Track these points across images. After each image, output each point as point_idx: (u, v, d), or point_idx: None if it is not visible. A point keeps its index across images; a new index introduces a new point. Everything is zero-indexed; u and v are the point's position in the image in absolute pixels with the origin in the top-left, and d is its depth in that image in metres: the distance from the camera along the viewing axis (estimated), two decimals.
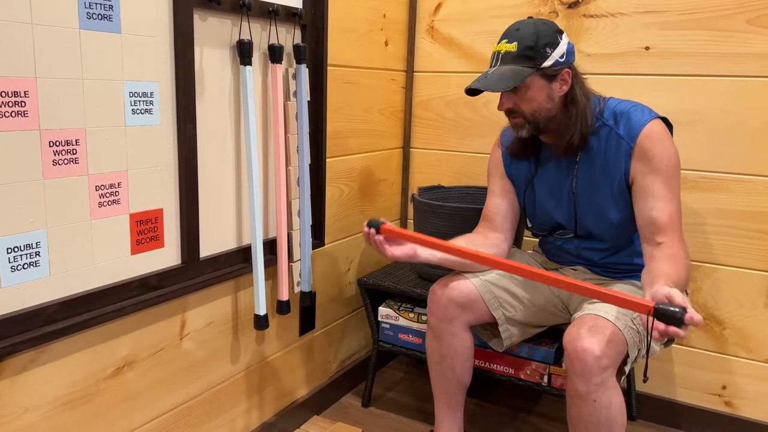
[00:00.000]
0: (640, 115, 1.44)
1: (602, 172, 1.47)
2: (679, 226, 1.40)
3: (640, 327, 1.38)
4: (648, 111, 1.45)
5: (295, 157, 1.64)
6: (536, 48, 1.39)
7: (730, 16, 1.71)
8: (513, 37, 1.41)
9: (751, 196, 1.75)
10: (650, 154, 1.40)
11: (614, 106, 1.48)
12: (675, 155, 1.42)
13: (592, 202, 1.51)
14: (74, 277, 1.21)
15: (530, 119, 1.45)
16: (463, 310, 1.59)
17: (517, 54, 1.39)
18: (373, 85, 2.03)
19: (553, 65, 1.40)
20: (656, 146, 1.41)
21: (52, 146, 1.13)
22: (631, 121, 1.44)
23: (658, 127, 1.43)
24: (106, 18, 1.19)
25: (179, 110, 1.35)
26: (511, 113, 1.46)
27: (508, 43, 1.42)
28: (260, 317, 1.59)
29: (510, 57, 1.40)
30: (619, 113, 1.46)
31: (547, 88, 1.42)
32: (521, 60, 1.39)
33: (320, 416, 1.96)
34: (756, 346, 1.82)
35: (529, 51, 1.39)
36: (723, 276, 1.83)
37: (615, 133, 1.45)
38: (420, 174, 2.28)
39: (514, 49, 1.40)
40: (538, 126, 1.46)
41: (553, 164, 1.56)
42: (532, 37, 1.39)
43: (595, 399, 1.29)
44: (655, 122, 1.43)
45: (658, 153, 1.40)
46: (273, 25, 1.56)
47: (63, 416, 1.21)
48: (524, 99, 1.42)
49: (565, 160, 1.52)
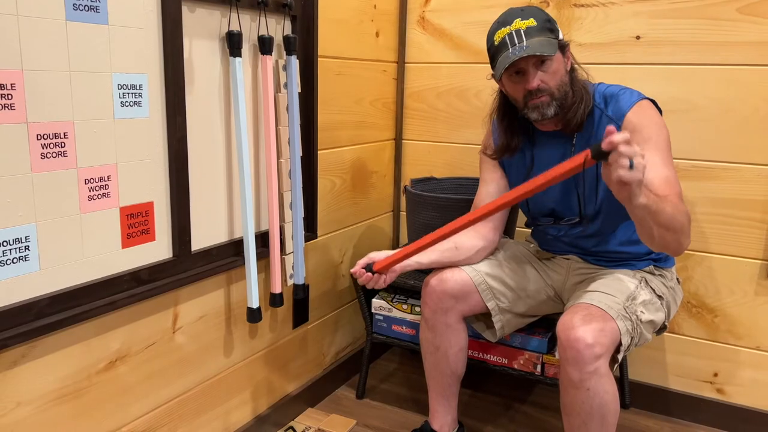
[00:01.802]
0: (628, 96, 1.44)
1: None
2: (678, 189, 1.35)
3: (633, 316, 1.39)
4: (637, 93, 1.46)
5: (286, 149, 1.64)
6: (551, 21, 1.41)
7: (721, 5, 1.71)
8: (525, 15, 1.39)
9: (741, 183, 1.76)
10: (639, 126, 1.40)
11: (604, 89, 1.48)
12: (664, 127, 1.41)
13: (592, 190, 1.51)
14: (65, 271, 1.20)
15: (557, 95, 1.41)
16: (457, 301, 1.59)
17: (540, 27, 1.38)
18: (364, 76, 2.03)
19: (563, 39, 1.43)
20: (644, 119, 1.41)
21: (40, 139, 1.12)
22: (619, 102, 1.44)
23: (646, 104, 1.44)
24: (93, 9, 1.17)
25: (168, 102, 1.34)
26: (538, 92, 1.40)
27: (522, 20, 1.38)
28: (253, 310, 1.59)
29: (535, 30, 1.37)
30: (608, 96, 1.46)
31: (563, 63, 1.43)
32: (545, 32, 1.38)
33: (314, 408, 1.96)
34: (747, 334, 1.83)
35: (548, 24, 1.40)
36: (714, 264, 1.84)
37: (605, 115, 1.45)
38: (412, 165, 2.28)
39: (534, 23, 1.38)
40: (562, 103, 1.42)
41: (549, 150, 1.54)
42: (542, 13, 1.41)
43: (588, 387, 1.30)
44: (643, 102, 1.44)
45: (646, 124, 1.40)
46: (263, 16, 1.55)
47: (55, 410, 1.21)
48: (550, 72, 1.40)
49: (561, 146, 1.52)
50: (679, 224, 1.26)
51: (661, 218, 1.22)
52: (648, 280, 1.52)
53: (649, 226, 1.24)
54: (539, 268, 1.67)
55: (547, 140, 1.54)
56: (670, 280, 1.59)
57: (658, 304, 1.49)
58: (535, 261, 1.69)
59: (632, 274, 1.51)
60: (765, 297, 1.79)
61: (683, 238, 1.29)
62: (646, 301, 1.45)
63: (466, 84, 2.11)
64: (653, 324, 1.47)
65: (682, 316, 1.90)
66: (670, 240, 1.28)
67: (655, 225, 1.24)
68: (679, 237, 1.28)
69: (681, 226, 1.27)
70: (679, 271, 1.82)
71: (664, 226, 1.24)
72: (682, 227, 1.27)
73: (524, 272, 1.65)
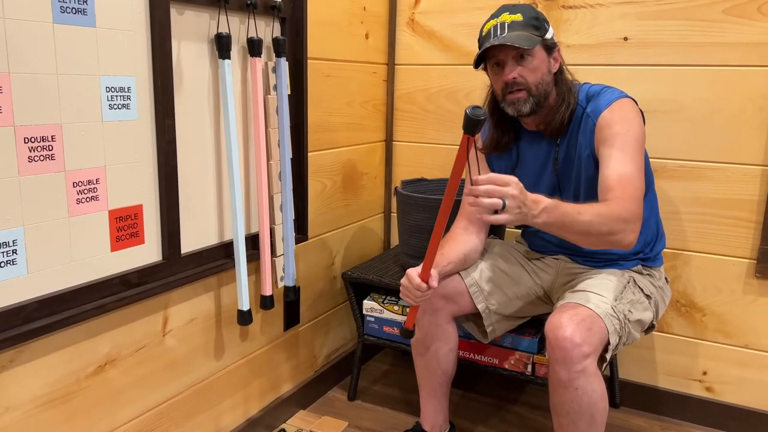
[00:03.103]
0: (609, 95, 1.46)
1: (577, 153, 1.49)
2: (630, 188, 1.34)
3: (621, 315, 1.40)
4: (618, 92, 1.47)
5: (276, 152, 1.64)
6: (539, 19, 1.43)
7: (707, 6, 1.73)
8: (513, 9, 1.43)
9: (727, 183, 1.78)
10: (610, 122, 1.41)
11: (588, 88, 1.50)
12: (637, 125, 1.42)
13: (572, 183, 1.52)
14: (53, 274, 1.19)
15: (534, 92, 1.43)
16: (448, 301, 1.59)
17: (525, 22, 1.41)
18: (354, 78, 2.03)
19: (551, 39, 1.44)
20: (616, 116, 1.42)
21: (28, 142, 1.11)
22: (599, 100, 1.46)
23: (624, 102, 1.45)
24: (81, 12, 1.17)
25: (157, 105, 1.34)
26: (515, 86, 1.43)
27: (510, 14, 1.42)
28: (243, 313, 1.59)
29: (519, 24, 1.41)
30: (591, 94, 1.48)
31: (547, 62, 1.45)
32: (529, 28, 1.41)
33: (306, 410, 1.96)
34: (734, 332, 1.85)
35: (535, 21, 1.42)
36: (702, 263, 1.85)
37: (585, 113, 1.47)
38: (403, 167, 2.28)
39: (520, 18, 1.41)
40: (539, 101, 1.45)
41: (534, 150, 1.56)
42: (532, 10, 1.44)
43: (576, 386, 1.31)
44: (622, 100, 1.45)
45: (617, 120, 1.41)
46: (252, 18, 1.55)
47: (44, 415, 1.20)
48: (529, 68, 1.42)
49: (546, 145, 1.53)
50: (604, 228, 1.28)
51: (575, 228, 1.27)
52: (636, 280, 1.53)
53: (564, 237, 1.30)
54: (529, 268, 1.68)
55: (532, 139, 1.56)
56: (658, 279, 1.60)
57: (646, 304, 1.50)
58: (525, 261, 1.70)
59: (620, 274, 1.52)
60: (753, 296, 1.80)
61: (618, 236, 1.30)
62: (634, 301, 1.46)
63: (456, 85, 2.12)
64: (641, 323, 1.48)
65: (671, 315, 1.91)
66: (600, 242, 1.33)
67: (570, 234, 1.29)
68: (610, 238, 1.30)
69: (608, 230, 1.28)
70: (668, 270, 1.84)
71: (582, 233, 1.28)
72: (610, 230, 1.28)
73: (514, 273, 1.65)
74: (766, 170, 1.73)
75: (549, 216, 1.22)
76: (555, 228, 1.26)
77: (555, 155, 1.52)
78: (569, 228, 1.27)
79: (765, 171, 1.73)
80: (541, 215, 1.21)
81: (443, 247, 1.55)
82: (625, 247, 1.34)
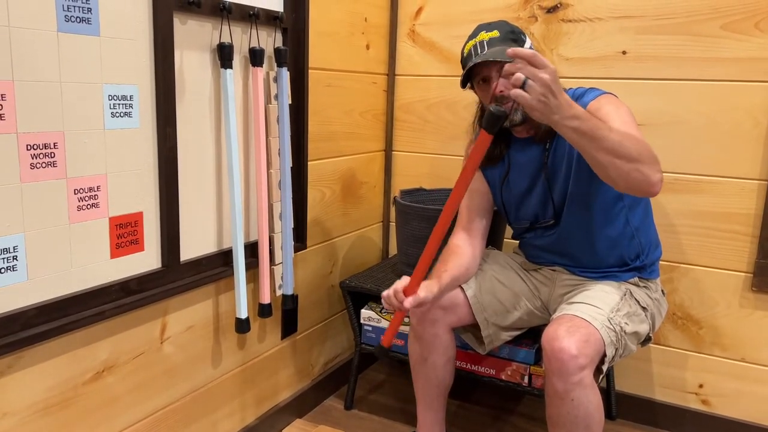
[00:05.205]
0: (594, 92, 1.48)
1: (566, 155, 1.50)
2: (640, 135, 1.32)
3: (617, 327, 1.40)
4: (603, 90, 1.50)
5: (276, 160, 1.65)
6: (516, 32, 1.46)
7: (705, 21, 1.74)
8: (489, 27, 1.47)
9: (724, 197, 1.79)
10: (598, 107, 1.40)
11: (573, 91, 1.52)
12: (626, 109, 1.41)
13: (563, 186, 1.53)
14: (53, 281, 1.20)
15: None
16: (446, 312, 1.60)
17: (503, 37, 1.44)
18: (355, 88, 2.04)
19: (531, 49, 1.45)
20: (603, 102, 1.43)
21: (30, 150, 1.12)
22: (584, 98, 1.47)
23: (609, 96, 1.47)
24: (85, 21, 1.18)
25: (159, 113, 1.35)
26: (503, 99, 1.40)
27: (487, 32, 1.46)
28: (242, 320, 1.59)
29: (497, 40, 1.44)
30: (577, 95, 1.50)
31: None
32: (508, 42, 1.43)
33: (303, 419, 1.96)
34: (731, 345, 1.85)
35: (512, 34, 1.45)
36: (698, 276, 1.86)
37: None
38: (402, 177, 2.29)
39: (497, 34, 1.44)
40: None
41: (526, 156, 1.57)
42: (507, 25, 1.48)
43: (572, 398, 1.31)
44: (608, 95, 1.47)
45: (604, 104, 1.42)
46: (254, 29, 1.57)
47: (42, 421, 1.20)
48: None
49: (536, 150, 1.54)
50: (633, 152, 1.22)
51: (605, 144, 1.20)
52: (632, 292, 1.53)
53: (592, 155, 1.23)
54: (527, 279, 1.69)
55: (522, 146, 1.57)
56: (654, 291, 1.60)
57: (642, 316, 1.50)
58: (523, 273, 1.70)
59: (617, 286, 1.53)
60: (749, 309, 1.81)
61: (646, 168, 1.23)
62: (630, 313, 1.47)
63: (455, 96, 2.13)
64: (637, 335, 1.49)
65: (668, 327, 1.92)
66: (629, 169, 1.23)
67: (599, 151, 1.21)
68: (639, 166, 1.23)
69: (637, 154, 1.22)
70: (665, 283, 1.84)
71: (611, 152, 1.21)
72: (639, 155, 1.22)
73: (513, 284, 1.66)
74: (762, 184, 1.74)
75: (581, 123, 1.18)
76: (586, 139, 1.20)
77: (545, 159, 1.53)
78: (599, 141, 1.20)
79: (761, 185, 1.74)
80: (573, 120, 1.17)
81: (446, 263, 1.55)
82: (651, 185, 1.25)
